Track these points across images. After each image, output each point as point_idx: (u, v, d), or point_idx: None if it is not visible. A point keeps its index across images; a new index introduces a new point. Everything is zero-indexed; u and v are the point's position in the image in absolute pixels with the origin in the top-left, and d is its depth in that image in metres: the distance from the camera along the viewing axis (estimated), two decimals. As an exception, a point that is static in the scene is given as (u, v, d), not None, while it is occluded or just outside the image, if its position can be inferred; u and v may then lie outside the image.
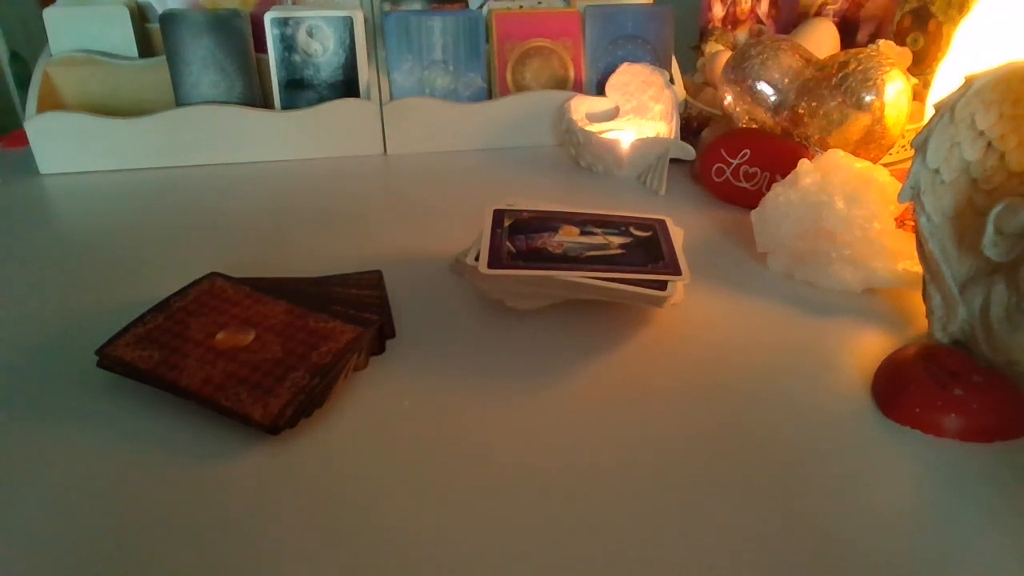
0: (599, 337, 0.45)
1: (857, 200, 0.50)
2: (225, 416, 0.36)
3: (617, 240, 0.47)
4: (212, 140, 0.74)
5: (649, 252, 0.46)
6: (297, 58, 0.74)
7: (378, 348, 0.43)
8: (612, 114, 0.77)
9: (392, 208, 0.64)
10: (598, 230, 0.48)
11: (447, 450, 0.36)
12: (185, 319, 0.42)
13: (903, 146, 0.65)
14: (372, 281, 0.50)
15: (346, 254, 0.55)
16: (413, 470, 0.34)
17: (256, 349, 0.40)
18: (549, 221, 0.49)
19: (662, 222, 0.51)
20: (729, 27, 0.98)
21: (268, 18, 0.73)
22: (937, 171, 0.42)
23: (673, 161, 0.68)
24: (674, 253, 0.47)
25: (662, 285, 0.43)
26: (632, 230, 0.49)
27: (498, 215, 0.50)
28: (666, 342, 0.44)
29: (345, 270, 0.52)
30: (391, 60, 0.77)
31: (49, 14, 0.75)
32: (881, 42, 0.62)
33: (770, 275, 0.52)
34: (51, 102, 0.73)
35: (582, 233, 0.48)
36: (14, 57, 1.08)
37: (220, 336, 0.41)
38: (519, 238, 0.47)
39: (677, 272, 0.45)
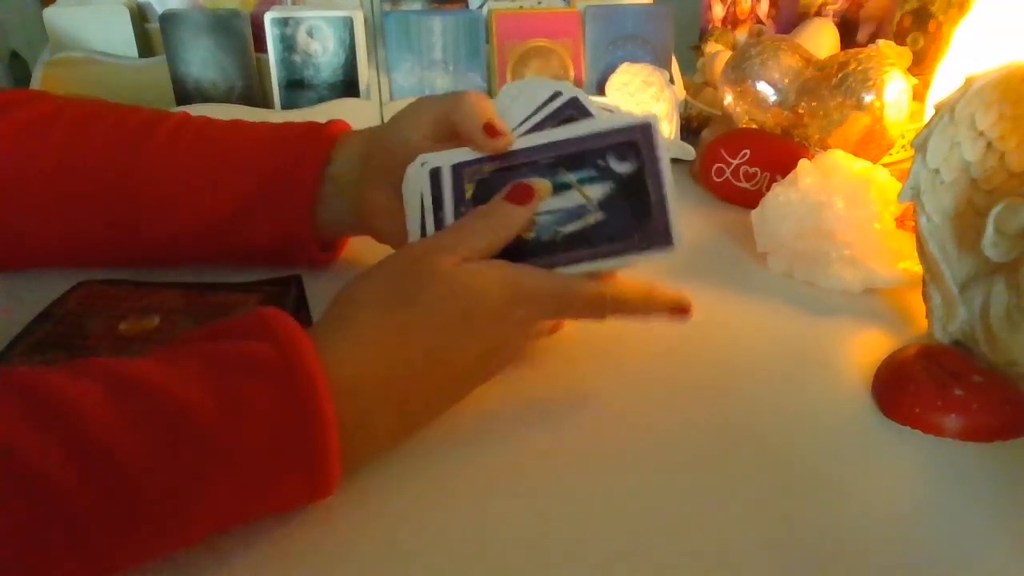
0: (593, 336, 0.44)
1: (857, 200, 0.50)
2: None
3: (596, 193, 0.39)
4: (212, 140, 0.74)
5: (634, 207, 0.39)
6: (297, 58, 0.74)
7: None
8: (612, 114, 0.77)
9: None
10: (572, 176, 0.39)
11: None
12: (77, 321, 0.40)
13: (903, 146, 0.65)
14: (274, 292, 0.45)
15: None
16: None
17: (167, 330, 0.38)
18: (513, 173, 0.40)
19: (646, 131, 0.40)
20: (729, 27, 0.98)
21: (268, 18, 0.72)
22: (937, 171, 0.42)
23: (673, 161, 0.68)
24: (663, 200, 0.39)
25: (660, 238, 0.38)
26: (612, 163, 0.39)
27: (458, 176, 0.40)
28: (664, 342, 0.44)
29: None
30: (391, 60, 0.77)
31: (49, 14, 0.75)
32: (881, 42, 0.62)
33: (770, 275, 0.52)
34: (51, 102, 0.73)
35: (555, 189, 0.39)
36: (14, 57, 1.08)
37: (123, 326, 0.39)
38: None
39: (667, 242, 0.38)
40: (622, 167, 0.39)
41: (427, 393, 0.34)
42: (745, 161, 0.62)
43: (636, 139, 0.39)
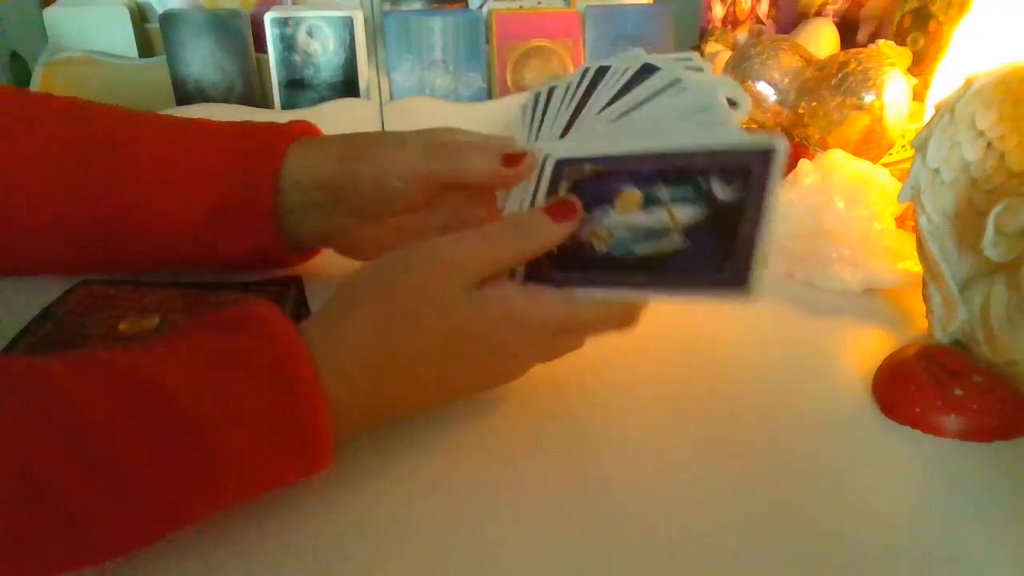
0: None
1: (857, 200, 0.50)
2: None
3: (685, 216, 0.35)
4: (212, 140, 0.74)
5: (719, 239, 0.33)
6: (297, 58, 0.74)
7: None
8: (612, 114, 0.77)
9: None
10: (666, 193, 0.35)
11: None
12: (77, 320, 0.40)
13: (903, 146, 0.65)
14: (274, 292, 0.44)
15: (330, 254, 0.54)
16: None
17: (167, 330, 0.38)
18: (612, 179, 0.37)
19: (766, 160, 0.33)
20: (729, 27, 0.98)
21: (268, 18, 0.72)
22: (937, 171, 0.42)
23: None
24: (753, 240, 0.32)
25: (735, 280, 0.33)
26: (714, 186, 0.34)
27: (558, 172, 0.39)
28: (663, 341, 0.44)
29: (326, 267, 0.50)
30: (391, 60, 0.77)
31: (49, 14, 0.75)
32: (881, 42, 0.62)
33: (770, 275, 0.52)
34: (51, 102, 0.73)
35: (645, 203, 0.36)
36: (14, 57, 1.08)
37: (123, 326, 0.39)
38: None
39: (739, 283, 0.32)
40: (724, 193, 0.34)
41: (407, 406, 0.35)
42: (745, 161, 0.62)
43: (752, 165, 0.34)
